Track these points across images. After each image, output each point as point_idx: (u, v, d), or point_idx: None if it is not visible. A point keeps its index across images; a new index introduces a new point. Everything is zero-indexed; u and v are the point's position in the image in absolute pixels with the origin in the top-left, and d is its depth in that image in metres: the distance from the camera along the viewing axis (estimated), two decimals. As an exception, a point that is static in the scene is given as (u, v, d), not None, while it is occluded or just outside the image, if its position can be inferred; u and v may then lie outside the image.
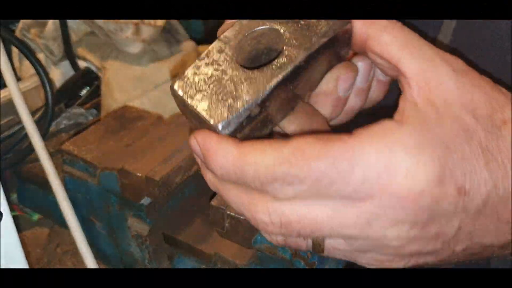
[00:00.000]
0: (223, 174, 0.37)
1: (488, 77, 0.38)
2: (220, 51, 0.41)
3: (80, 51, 1.00)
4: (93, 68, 1.01)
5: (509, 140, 0.34)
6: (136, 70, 0.96)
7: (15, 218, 0.89)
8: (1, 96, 0.87)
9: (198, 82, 0.40)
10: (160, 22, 0.95)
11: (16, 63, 0.98)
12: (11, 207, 0.89)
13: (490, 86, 0.37)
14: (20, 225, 0.87)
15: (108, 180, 0.68)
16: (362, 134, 0.34)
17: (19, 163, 0.85)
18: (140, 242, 0.70)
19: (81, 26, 0.98)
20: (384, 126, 0.35)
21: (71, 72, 1.00)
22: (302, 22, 0.41)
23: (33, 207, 0.88)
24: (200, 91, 0.39)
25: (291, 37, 0.40)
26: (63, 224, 0.74)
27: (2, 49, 0.74)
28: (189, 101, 0.39)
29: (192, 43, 1.03)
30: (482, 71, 0.38)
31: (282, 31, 0.40)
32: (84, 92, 1.01)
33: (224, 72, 0.40)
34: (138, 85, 0.95)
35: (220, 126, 0.38)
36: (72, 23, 0.97)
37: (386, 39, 0.38)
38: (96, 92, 1.00)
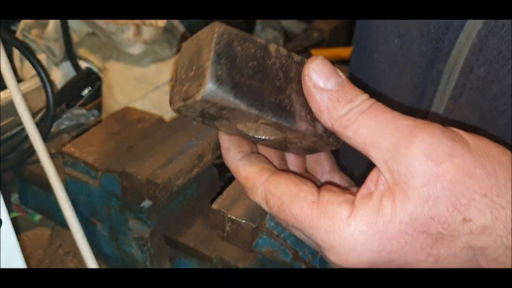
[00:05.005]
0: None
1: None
2: None
3: (81, 51, 1.00)
4: (95, 68, 1.01)
5: None
6: (137, 71, 0.95)
7: (17, 219, 0.89)
8: (2, 98, 0.86)
9: None
10: (161, 23, 0.95)
11: (17, 64, 0.98)
12: (12, 208, 0.89)
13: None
14: (21, 226, 0.87)
15: (109, 182, 0.68)
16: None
17: (21, 164, 0.84)
18: (141, 244, 0.70)
19: (82, 26, 0.98)
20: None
21: (72, 73, 1.00)
22: None
23: (35, 208, 0.88)
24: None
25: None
26: (64, 225, 0.74)
27: (3, 50, 0.73)
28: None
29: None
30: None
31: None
32: (85, 92, 1.01)
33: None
34: (139, 86, 0.95)
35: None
36: (73, 24, 0.97)
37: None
38: (97, 93, 1.00)
